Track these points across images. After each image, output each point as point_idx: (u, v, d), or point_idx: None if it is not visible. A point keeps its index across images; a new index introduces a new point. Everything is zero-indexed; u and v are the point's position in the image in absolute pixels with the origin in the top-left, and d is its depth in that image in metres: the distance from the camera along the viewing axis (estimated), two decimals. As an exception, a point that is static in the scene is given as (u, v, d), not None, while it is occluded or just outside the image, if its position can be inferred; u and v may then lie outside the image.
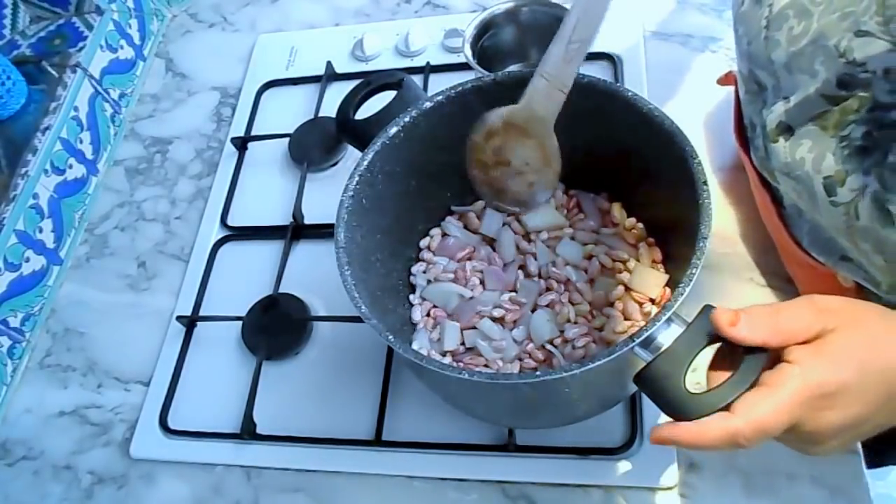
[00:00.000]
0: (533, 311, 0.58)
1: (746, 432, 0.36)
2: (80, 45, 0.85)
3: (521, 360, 0.56)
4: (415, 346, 0.58)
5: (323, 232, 0.72)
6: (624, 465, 0.56)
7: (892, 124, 0.40)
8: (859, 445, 0.54)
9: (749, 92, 0.53)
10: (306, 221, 0.74)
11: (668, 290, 0.56)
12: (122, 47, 0.90)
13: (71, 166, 0.80)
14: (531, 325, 0.57)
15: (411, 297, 0.61)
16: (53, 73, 0.82)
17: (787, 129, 0.48)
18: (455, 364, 0.57)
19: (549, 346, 0.56)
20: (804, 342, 0.38)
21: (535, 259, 0.60)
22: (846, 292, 0.52)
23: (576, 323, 0.56)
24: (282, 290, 0.69)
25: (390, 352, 0.63)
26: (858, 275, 0.47)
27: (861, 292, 0.50)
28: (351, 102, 0.59)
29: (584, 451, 0.56)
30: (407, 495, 0.59)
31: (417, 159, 0.57)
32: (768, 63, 0.49)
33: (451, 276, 0.60)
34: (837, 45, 0.41)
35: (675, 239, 0.50)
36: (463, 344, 0.58)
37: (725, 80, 0.67)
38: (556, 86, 0.46)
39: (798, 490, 0.53)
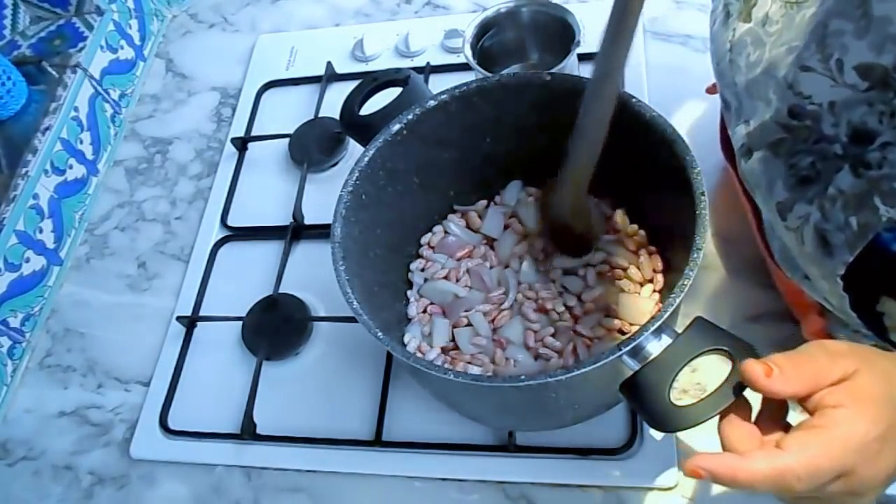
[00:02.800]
0: (518, 313, 0.58)
1: (799, 471, 0.34)
2: (81, 45, 0.85)
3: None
4: (406, 337, 0.58)
5: (323, 232, 0.72)
6: (624, 466, 0.56)
7: (834, 157, 0.41)
8: None
9: (723, 107, 0.54)
10: (306, 221, 0.74)
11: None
12: (122, 48, 0.90)
13: (71, 166, 0.80)
14: (514, 326, 0.57)
15: (409, 293, 0.61)
16: (53, 73, 0.82)
17: (748, 152, 0.49)
18: (444, 358, 0.57)
19: (538, 349, 0.56)
20: (827, 386, 0.37)
21: (533, 261, 0.60)
22: (812, 307, 0.52)
23: (569, 326, 0.56)
24: (282, 290, 0.69)
25: (390, 352, 0.63)
26: (818, 295, 0.48)
27: (824, 309, 0.51)
28: (356, 98, 0.59)
29: (585, 452, 0.56)
30: (407, 496, 0.59)
31: (420, 157, 0.57)
32: (732, 85, 0.49)
33: (446, 273, 0.60)
34: (786, 77, 0.42)
35: (675, 246, 0.50)
36: (453, 341, 0.58)
37: (713, 88, 0.67)
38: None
39: (798, 490, 0.53)
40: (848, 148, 0.40)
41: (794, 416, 0.56)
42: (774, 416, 0.39)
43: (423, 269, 0.61)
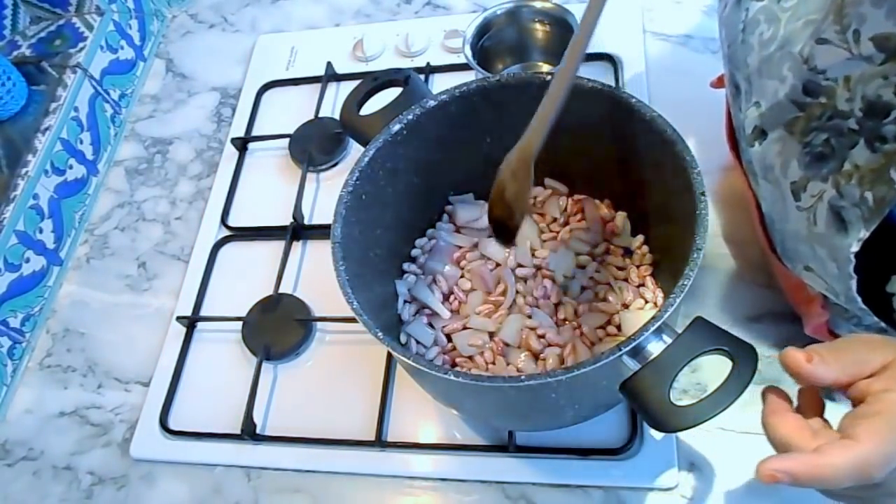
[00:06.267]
0: (517, 313, 0.58)
1: (878, 459, 0.34)
2: (81, 45, 0.85)
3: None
4: (405, 337, 0.58)
5: (323, 232, 0.71)
6: (624, 466, 0.55)
7: (849, 132, 0.41)
8: None
9: (731, 94, 0.54)
10: (306, 221, 0.74)
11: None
12: (122, 48, 0.90)
13: (71, 167, 0.80)
14: (513, 326, 0.57)
15: (400, 295, 0.61)
16: (53, 73, 0.82)
17: (761, 133, 0.48)
18: (444, 358, 0.57)
19: (538, 349, 0.56)
20: (868, 377, 0.37)
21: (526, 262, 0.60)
22: (814, 300, 0.52)
23: (569, 325, 0.56)
24: (282, 290, 0.69)
25: (391, 352, 0.63)
26: (819, 285, 0.48)
27: (827, 302, 0.51)
28: (356, 98, 0.59)
29: (585, 452, 0.56)
30: (407, 496, 0.59)
31: (420, 157, 0.57)
32: (744, 66, 0.49)
33: (443, 281, 0.60)
34: (801, 52, 0.42)
35: (675, 247, 0.50)
36: (450, 341, 0.58)
37: (718, 83, 0.67)
38: (553, 110, 0.48)
39: (798, 490, 0.53)
40: (863, 122, 0.40)
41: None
42: (812, 412, 0.39)
43: (417, 271, 0.62)
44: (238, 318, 0.68)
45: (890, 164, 0.38)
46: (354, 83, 0.62)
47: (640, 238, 0.59)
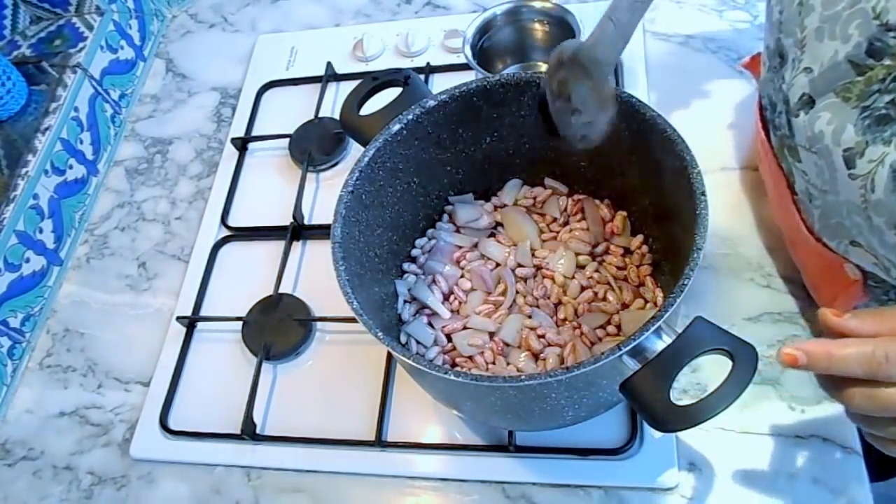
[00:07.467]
0: (517, 312, 0.58)
1: (888, 350, 0.37)
2: (81, 45, 0.85)
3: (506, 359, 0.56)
4: (405, 337, 0.58)
5: (323, 232, 0.72)
6: (624, 466, 0.56)
7: None
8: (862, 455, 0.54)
9: (771, 69, 0.53)
10: (306, 221, 0.74)
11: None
12: (122, 48, 0.90)
13: (71, 167, 0.80)
14: (513, 326, 0.57)
15: (401, 296, 0.61)
16: (53, 73, 0.82)
17: (808, 102, 0.48)
18: (444, 358, 0.57)
19: (538, 349, 0.56)
20: None
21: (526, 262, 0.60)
22: (852, 285, 0.52)
23: (569, 325, 0.56)
24: (282, 290, 0.69)
25: (391, 352, 0.63)
26: (867, 260, 0.47)
27: (866, 286, 0.50)
28: (356, 98, 0.59)
29: (584, 452, 0.56)
30: (407, 496, 0.59)
31: (420, 157, 0.57)
32: (798, 31, 0.48)
33: (443, 281, 0.60)
34: (875, 7, 0.41)
35: (675, 247, 0.51)
36: (450, 341, 0.58)
37: (751, 62, 0.67)
38: (620, 33, 0.47)
39: (798, 490, 0.53)
40: None
41: (794, 415, 0.56)
42: None
43: (417, 271, 0.62)
44: (238, 318, 0.68)
45: None
46: (354, 83, 0.62)
47: (640, 238, 0.59)
